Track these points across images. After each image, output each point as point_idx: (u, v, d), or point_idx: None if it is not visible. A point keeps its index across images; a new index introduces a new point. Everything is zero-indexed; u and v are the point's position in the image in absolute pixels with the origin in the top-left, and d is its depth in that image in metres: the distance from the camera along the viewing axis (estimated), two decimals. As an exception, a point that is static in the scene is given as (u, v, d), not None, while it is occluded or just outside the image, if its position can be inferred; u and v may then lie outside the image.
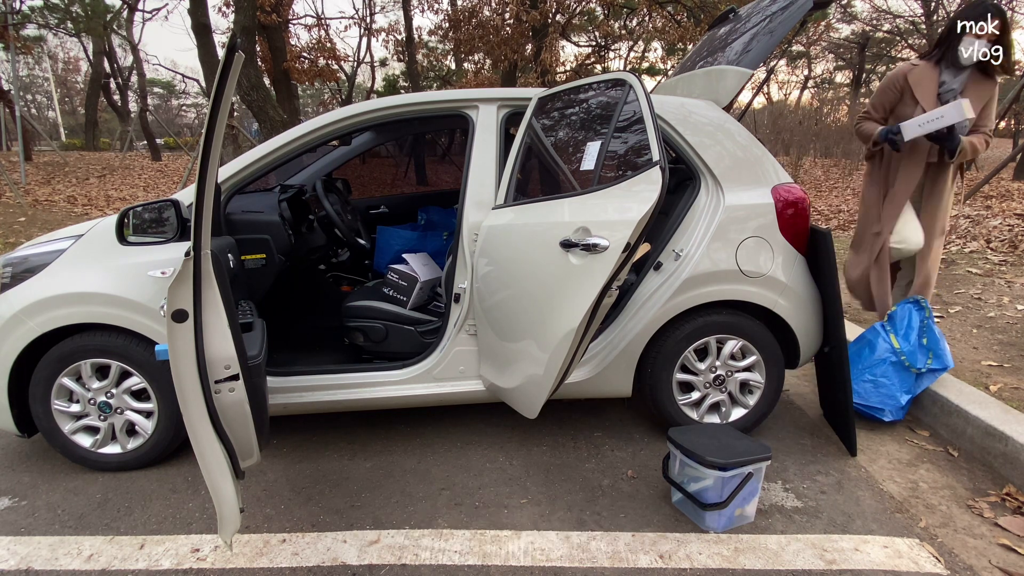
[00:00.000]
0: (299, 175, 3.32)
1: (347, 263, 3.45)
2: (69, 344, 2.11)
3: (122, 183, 11.87)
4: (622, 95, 1.91)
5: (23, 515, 1.99)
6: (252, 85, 7.64)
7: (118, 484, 2.16)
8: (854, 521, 1.94)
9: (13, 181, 9.52)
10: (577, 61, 17.45)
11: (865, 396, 2.50)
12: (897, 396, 2.47)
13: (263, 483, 2.17)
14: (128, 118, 21.30)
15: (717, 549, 1.81)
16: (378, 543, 1.83)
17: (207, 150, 1.40)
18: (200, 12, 8.45)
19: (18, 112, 10.60)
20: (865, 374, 2.52)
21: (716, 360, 2.37)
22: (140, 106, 21.07)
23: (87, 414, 2.20)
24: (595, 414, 2.70)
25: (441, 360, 2.32)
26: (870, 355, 2.54)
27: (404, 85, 22.22)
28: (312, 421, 2.61)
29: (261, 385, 1.73)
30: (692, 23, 11.32)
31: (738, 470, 1.84)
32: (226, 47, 1.37)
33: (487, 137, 2.31)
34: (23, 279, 2.12)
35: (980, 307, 3.76)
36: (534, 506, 2.02)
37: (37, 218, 7.74)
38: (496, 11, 13.47)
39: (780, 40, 2.31)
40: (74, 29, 18.86)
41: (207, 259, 1.47)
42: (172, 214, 2.00)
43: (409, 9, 16.09)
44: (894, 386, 2.48)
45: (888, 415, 2.48)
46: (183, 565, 1.74)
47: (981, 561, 1.75)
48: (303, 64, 14.38)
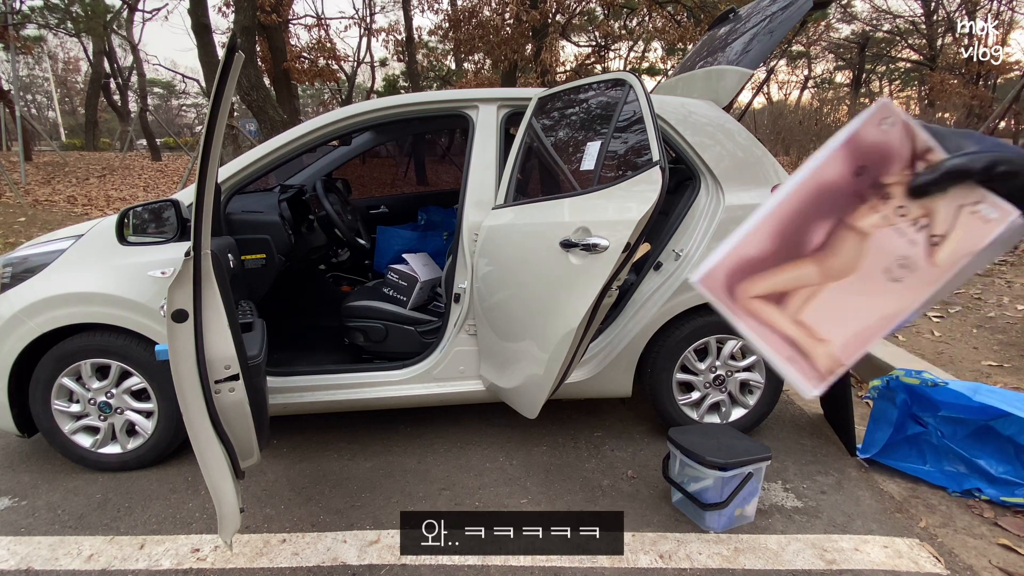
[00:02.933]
0: (299, 175, 3.32)
1: (347, 263, 3.45)
2: (69, 344, 2.11)
3: (122, 183, 11.86)
4: (622, 95, 1.91)
5: (23, 515, 1.99)
6: (252, 85, 7.64)
7: (118, 484, 2.16)
8: (854, 521, 1.94)
9: (13, 181, 9.52)
10: (577, 61, 17.45)
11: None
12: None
13: (263, 483, 2.17)
14: (128, 118, 21.30)
15: (717, 549, 1.80)
16: (378, 543, 1.83)
17: (207, 150, 1.40)
18: (200, 12, 8.45)
19: (18, 112, 10.60)
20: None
21: (716, 360, 2.37)
22: (140, 106, 21.06)
23: (87, 414, 2.20)
24: (595, 414, 2.70)
25: (441, 360, 2.32)
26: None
27: (404, 85, 22.23)
28: (312, 421, 2.61)
29: (261, 385, 1.74)
30: (692, 23, 11.32)
31: (738, 470, 1.84)
32: (226, 47, 1.37)
33: (487, 137, 2.31)
34: (23, 279, 2.12)
35: (980, 307, 3.76)
36: (534, 506, 2.02)
37: (37, 218, 7.74)
38: (496, 11, 13.47)
39: (780, 40, 2.31)
40: (74, 29, 18.86)
41: (207, 259, 1.47)
42: (172, 214, 2.00)
43: (409, 9, 16.09)
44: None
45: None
46: (183, 565, 1.74)
47: (981, 561, 1.75)
48: (303, 64, 14.38)
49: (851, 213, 0.50)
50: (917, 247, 0.48)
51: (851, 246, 0.50)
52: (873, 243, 0.49)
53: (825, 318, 0.51)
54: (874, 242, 0.49)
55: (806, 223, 0.51)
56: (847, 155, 0.50)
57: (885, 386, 2.24)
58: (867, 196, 0.49)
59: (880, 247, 0.49)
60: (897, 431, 2.21)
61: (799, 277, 0.52)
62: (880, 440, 2.24)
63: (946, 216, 0.47)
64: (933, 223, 0.47)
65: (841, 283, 0.51)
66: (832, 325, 0.51)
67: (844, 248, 0.50)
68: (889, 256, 0.49)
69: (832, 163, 0.50)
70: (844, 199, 0.50)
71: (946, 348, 3.19)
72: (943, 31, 19.20)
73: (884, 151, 0.49)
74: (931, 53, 19.39)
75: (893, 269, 0.48)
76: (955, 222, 0.46)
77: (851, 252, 0.50)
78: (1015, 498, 1.98)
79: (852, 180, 0.50)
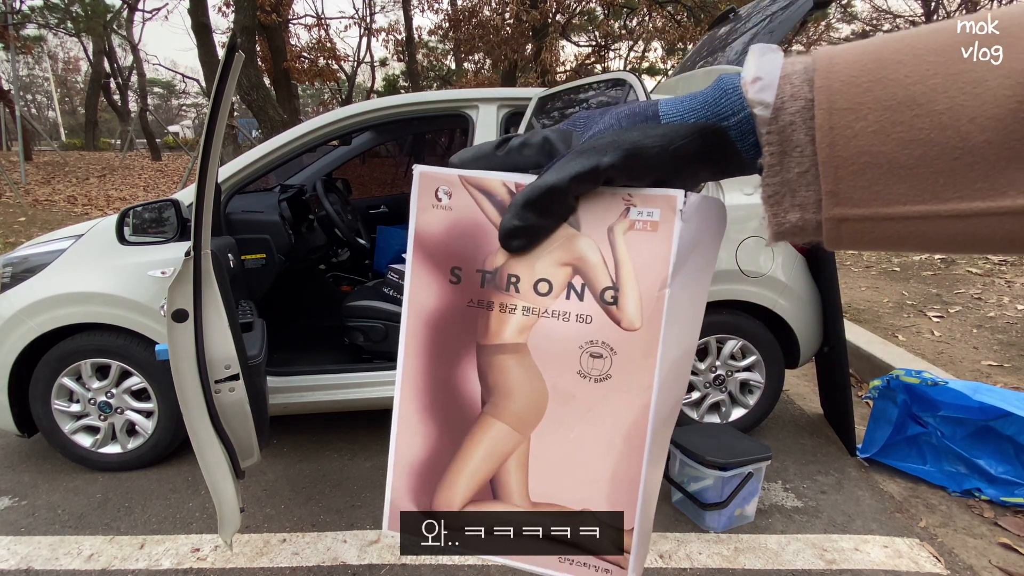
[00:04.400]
0: (299, 175, 3.32)
1: (347, 263, 3.45)
2: (69, 344, 2.11)
3: (122, 183, 11.86)
4: (622, 95, 1.91)
5: (23, 515, 1.99)
6: (252, 85, 7.63)
7: (118, 484, 2.16)
8: (854, 521, 1.94)
9: (13, 181, 9.52)
10: (577, 61, 17.44)
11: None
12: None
13: (263, 483, 2.17)
14: (128, 118, 21.31)
15: (717, 549, 1.80)
16: (378, 543, 1.83)
17: (207, 150, 1.40)
18: (200, 12, 8.45)
19: (18, 112, 10.60)
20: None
21: (716, 360, 2.37)
22: (140, 106, 21.07)
23: (87, 414, 2.20)
24: (595, 414, 2.70)
25: (441, 360, 2.32)
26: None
27: (404, 85, 22.23)
28: (312, 421, 2.61)
29: (261, 385, 1.74)
30: (692, 23, 11.32)
31: (738, 470, 1.84)
32: (226, 47, 1.37)
33: (487, 137, 2.31)
34: (23, 279, 2.12)
35: (980, 307, 3.76)
36: (534, 506, 2.02)
37: (37, 218, 7.74)
38: (496, 11, 13.48)
39: (780, 40, 2.31)
40: (74, 29, 18.86)
41: (207, 259, 1.47)
42: (172, 214, 2.00)
43: (409, 9, 16.08)
44: None
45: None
46: (183, 565, 1.74)
47: (981, 561, 1.75)
48: (303, 64, 14.37)
49: (484, 333, 0.35)
50: (593, 320, 0.33)
51: (515, 372, 0.35)
52: (535, 352, 0.34)
53: (554, 479, 0.36)
54: (535, 350, 0.34)
55: (447, 377, 0.36)
56: (426, 265, 0.36)
57: (885, 386, 2.24)
58: (486, 298, 0.35)
59: (548, 351, 0.34)
60: (897, 431, 2.21)
61: (492, 445, 0.36)
62: (880, 440, 2.24)
63: (597, 255, 0.33)
64: (588, 276, 0.33)
65: (542, 426, 0.35)
66: (571, 485, 0.36)
67: (509, 380, 0.35)
68: (568, 355, 0.34)
69: (419, 285, 0.36)
70: (464, 320, 0.35)
71: (946, 348, 3.19)
72: (943, 31, 19.19)
73: (463, 230, 0.35)
74: (931, 53, 19.38)
75: (585, 367, 0.34)
76: (617, 255, 0.32)
77: (522, 379, 0.35)
78: (1015, 498, 1.98)
79: (454, 292, 0.35)
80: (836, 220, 0.28)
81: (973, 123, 0.25)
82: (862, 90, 0.27)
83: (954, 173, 0.25)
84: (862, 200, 0.27)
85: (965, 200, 0.25)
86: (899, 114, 0.26)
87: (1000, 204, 0.25)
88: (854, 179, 0.27)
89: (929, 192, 0.26)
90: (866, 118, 0.27)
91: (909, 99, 0.26)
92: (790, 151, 0.29)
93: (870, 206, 0.27)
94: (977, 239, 0.26)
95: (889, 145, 0.26)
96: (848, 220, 0.28)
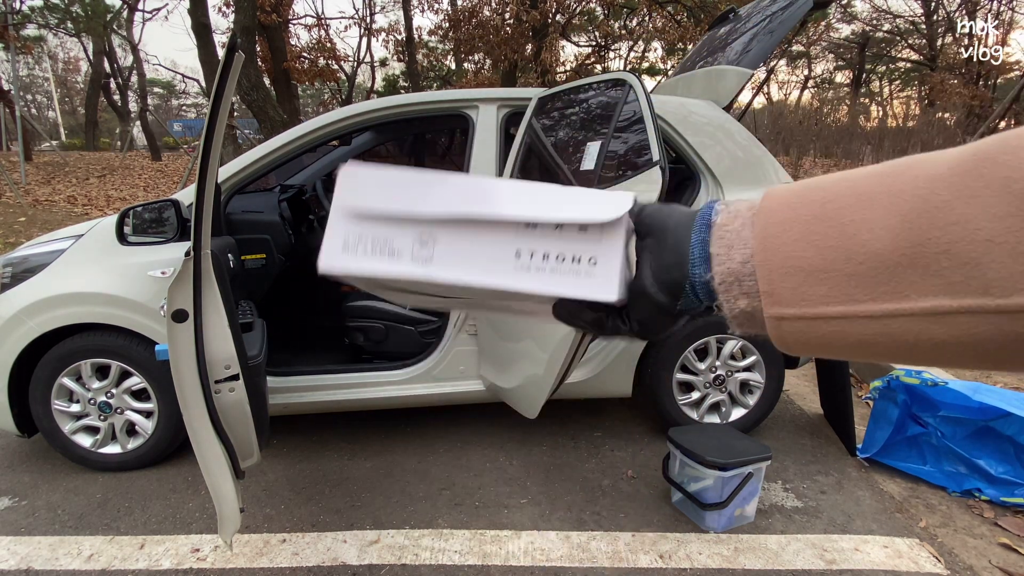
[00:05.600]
0: (299, 175, 3.32)
1: (347, 263, 3.44)
2: (69, 344, 2.11)
3: (122, 183, 11.86)
4: (622, 95, 1.91)
5: (23, 515, 1.99)
6: (252, 85, 7.63)
7: (118, 484, 2.16)
8: (854, 521, 1.94)
9: (13, 181, 9.51)
10: (577, 61, 17.45)
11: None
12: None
13: (263, 483, 2.17)
14: (128, 118, 21.31)
15: (717, 549, 1.80)
16: (378, 543, 1.83)
17: (207, 150, 1.40)
18: (200, 12, 8.45)
19: (18, 112, 10.60)
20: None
21: (716, 360, 2.37)
22: (140, 106, 21.06)
23: (87, 414, 2.20)
24: (595, 414, 2.70)
25: (441, 360, 2.32)
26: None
27: (404, 85, 22.22)
28: (312, 421, 2.61)
29: (261, 385, 1.74)
30: (692, 23, 11.33)
31: (738, 470, 1.84)
32: (226, 47, 1.37)
33: (487, 137, 2.31)
34: (23, 279, 2.12)
35: (980, 307, 3.76)
36: (534, 506, 2.02)
37: (37, 218, 7.74)
38: (496, 11, 13.48)
39: (780, 40, 2.31)
40: (74, 29, 18.86)
41: (207, 259, 1.47)
42: (172, 214, 2.00)
43: (409, 9, 16.09)
44: None
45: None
46: (183, 565, 1.74)
47: (981, 561, 1.75)
48: (303, 64, 14.38)
49: None
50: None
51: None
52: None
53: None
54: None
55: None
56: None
57: (886, 386, 2.24)
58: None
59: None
60: (897, 431, 2.21)
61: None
62: (880, 440, 2.24)
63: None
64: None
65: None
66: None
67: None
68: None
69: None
70: None
71: (946, 348, 3.19)
72: (943, 31, 19.20)
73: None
74: (931, 53, 19.38)
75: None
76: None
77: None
78: (1015, 498, 1.98)
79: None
80: (775, 319, 0.33)
81: (871, 232, 0.29)
82: (791, 209, 0.33)
83: (862, 276, 0.29)
84: (792, 300, 0.32)
85: (876, 302, 0.29)
86: (816, 225, 0.31)
87: (903, 306, 0.28)
88: (783, 280, 0.32)
89: (845, 294, 0.30)
90: (792, 229, 0.32)
91: (824, 215, 0.31)
92: (736, 244, 0.34)
93: (800, 306, 0.31)
94: (903, 343, 0.29)
95: (810, 252, 0.31)
96: (785, 319, 0.32)
